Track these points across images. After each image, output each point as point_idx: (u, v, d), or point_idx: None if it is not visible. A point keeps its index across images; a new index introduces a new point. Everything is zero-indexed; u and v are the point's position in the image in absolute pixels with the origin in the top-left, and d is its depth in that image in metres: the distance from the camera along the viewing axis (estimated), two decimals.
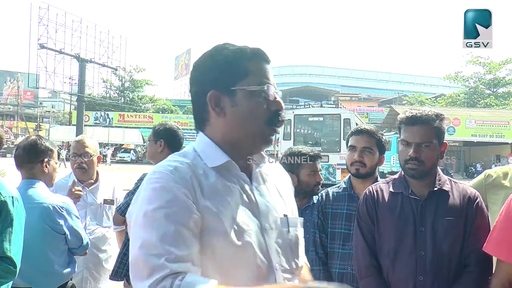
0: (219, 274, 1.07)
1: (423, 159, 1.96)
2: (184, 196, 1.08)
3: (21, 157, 2.53)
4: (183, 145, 3.22)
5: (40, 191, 2.49)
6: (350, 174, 2.63)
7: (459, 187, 2.04)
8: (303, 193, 2.80)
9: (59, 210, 2.47)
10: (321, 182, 2.85)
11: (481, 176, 2.43)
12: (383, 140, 2.59)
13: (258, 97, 1.19)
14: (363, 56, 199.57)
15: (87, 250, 2.69)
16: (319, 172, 2.83)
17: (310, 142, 14.51)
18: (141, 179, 2.95)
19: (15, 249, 2.00)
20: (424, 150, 1.96)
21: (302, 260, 1.30)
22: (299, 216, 1.39)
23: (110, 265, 3.14)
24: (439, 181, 2.02)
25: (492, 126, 30.71)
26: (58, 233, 2.48)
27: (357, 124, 12.64)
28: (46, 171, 2.55)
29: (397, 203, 2.02)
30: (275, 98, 1.22)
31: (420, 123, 1.98)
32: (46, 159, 2.55)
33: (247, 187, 1.22)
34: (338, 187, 2.67)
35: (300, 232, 1.31)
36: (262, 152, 1.30)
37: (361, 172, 2.52)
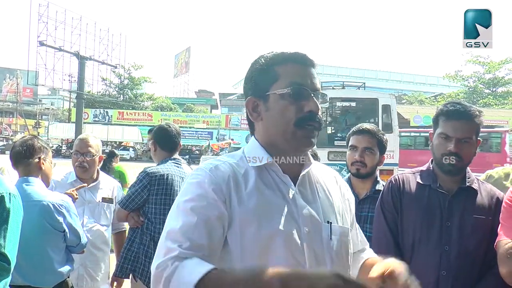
0: None
1: (462, 155, 1.93)
2: (213, 193, 1.14)
3: (17, 154, 2.54)
4: (179, 143, 3.21)
5: (38, 189, 2.50)
6: (350, 173, 2.62)
7: (487, 187, 2.02)
8: None
9: (58, 208, 2.48)
10: None
11: (483, 176, 2.40)
12: (384, 140, 2.59)
13: (288, 99, 1.22)
14: (363, 55, 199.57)
15: (84, 249, 2.69)
16: None
17: (338, 135, 11.59)
18: (143, 172, 2.99)
19: (10, 245, 1.97)
20: (464, 146, 1.93)
21: (344, 270, 1.25)
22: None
23: (107, 265, 3.14)
24: (468, 178, 1.99)
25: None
26: (57, 231, 2.49)
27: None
28: (43, 168, 2.57)
29: (424, 195, 1.99)
30: (309, 98, 1.22)
31: (464, 118, 1.94)
32: (42, 156, 2.57)
33: (289, 190, 1.23)
34: None
35: (346, 242, 1.28)
36: (309, 155, 1.31)
37: (362, 172, 2.52)
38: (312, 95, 1.23)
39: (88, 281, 2.96)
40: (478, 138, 1.99)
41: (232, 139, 38.74)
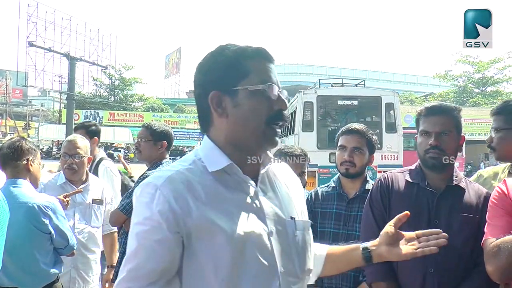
0: (220, 279, 1.08)
1: (444, 148, 1.98)
2: (159, 215, 1.08)
3: (5, 156, 2.53)
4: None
5: (25, 190, 2.48)
6: (339, 173, 2.64)
7: (474, 186, 2.06)
8: None
9: (44, 210, 2.47)
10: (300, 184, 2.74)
11: (474, 176, 2.47)
12: (373, 140, 2.61)
13: (260, 96, 1.17)
14: (353, 55, 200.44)
15: (74, 251, 2.68)
16: (299, 174, 2.62)
17: None
18: (142, 178, 2.95)
19: None
20: (444, 139, 1.98)
21: (310, 264, 1.28)
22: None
23: (99, 266, 3.12)
24: (456, 177, 2.03)
25: (481, 124, 30.99)
26: (43, 233, 2.48)
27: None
28: (31, 169, 2.55)
29: (413, 193, 2.03)
30: (278, 97, 1.20)
31: (439, 113, 2.01)
32: (30, 158, 2.55)
33: (251, 190, 1.20)
34: (328, 186, 2.69)
35: (309, 235, 1.29)
36: (268, 153, 1.28)
37: (351, 172, 2.55)
38: (280, 92, 1.21)
39: (80, 284, 2.95)
40: (462, 135, 2.05)
41: None
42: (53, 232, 2.50)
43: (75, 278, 2.92)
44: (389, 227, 1.34)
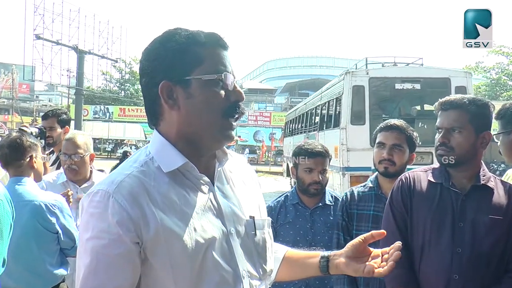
0: None
1: (452, 145, 1.92)
2: (117, 227, 1.03)
3: (7, 156, 2.53)
4: None
5: (30, 188, 2.51)
6: (377, 172, 2.59)
7: (506, 185, 1.99)
8: (304, 191, 2.74)
9: (51, 208, 2.48)
10: (321, 182, 2.70)
11: (504, 176, 2.49)
12: (413, 136, 2.55)
13: (215, 86, 1.13)
14: (376, 46, 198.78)
15: None
16: (320, 172, 2.69)
17: None
18: None
19: None
20: (454, 136, 1.93)
21: (271, 264, 1.28)
22: (310, 216, 1.36)
23: None
24: (483, 176, 1.97)
25: None
26: (50, 232, 2.50)
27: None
28: (36, 166, 2.57)
29: (436, 194, 1.98)
30: (234, 87, 1.16)
31: (451, 108, 1.95)
32: (34, 155, 2.56)
33: (208, 190, 1.18)
34: (364, 186, 2.63)
35: (268, 234, 1.28)
36: (224, 149, 1.25)
37: (390, 171, 2.49)
38: (236, 82, 1.17)
39: None
40: (488, 131, 1.96)
41: (239, 136, 38.76)
42: (60, 231, 2.52)
43: None
44: (358, 241, 1.29)
